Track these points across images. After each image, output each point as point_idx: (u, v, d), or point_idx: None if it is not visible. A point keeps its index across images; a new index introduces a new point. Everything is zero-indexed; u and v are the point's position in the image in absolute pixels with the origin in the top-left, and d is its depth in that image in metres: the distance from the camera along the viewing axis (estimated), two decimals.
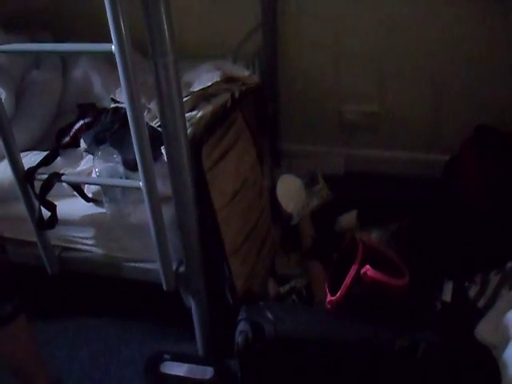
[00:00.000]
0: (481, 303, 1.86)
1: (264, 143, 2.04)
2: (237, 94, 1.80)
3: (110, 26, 1.19)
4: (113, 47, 1.22)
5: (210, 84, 1.68)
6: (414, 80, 2.40)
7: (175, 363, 1.74)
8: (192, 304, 1.71)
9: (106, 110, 1.80)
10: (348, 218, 2.17)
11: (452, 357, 1.59)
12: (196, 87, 1.67)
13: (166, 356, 1.75)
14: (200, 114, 1.61)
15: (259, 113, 2.01)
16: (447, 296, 1.88)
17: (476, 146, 2.13)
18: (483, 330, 1.70)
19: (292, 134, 2.63)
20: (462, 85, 2.35)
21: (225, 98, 1.74)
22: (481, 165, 2.04)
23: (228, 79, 1.76)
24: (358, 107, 2.52)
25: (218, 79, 1.71)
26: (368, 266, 1.55)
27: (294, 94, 2.53)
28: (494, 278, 1.89)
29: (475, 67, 2.29)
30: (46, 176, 1.57)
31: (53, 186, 1.58)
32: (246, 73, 1.88)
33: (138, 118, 1.31)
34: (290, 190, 2.04)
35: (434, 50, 2.30)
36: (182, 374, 1.71)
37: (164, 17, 1.21)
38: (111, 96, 1.78)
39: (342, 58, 2.42)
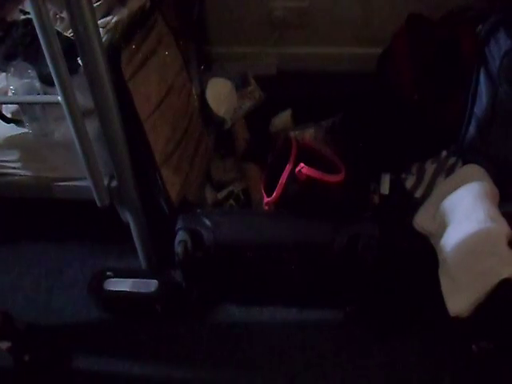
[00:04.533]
0: (418, 193, 1.88)
1: (190, 46, 1.96)
2: None
3: None
4: None
5: None
6: None
7: (119, 279, 1.73)
8: (129, 218, 1.69)
9: (16, 23, 1.68)
10: (282, 118, 2.14)
11: (391, 248, 1.63)
12: None
13: (109, 273, 1.74)
14: (115, 18, 1.52)
15: (183, 14, 1.93)
16: (385, 189, 1.90)
17: (407, 36, 2.10)
18: (421, 220, 1.73)
19: (221, 36, 2.54)
20: None
21: None
22: (412, 54, 2.02)
23: None
24: (286, 3, 2.44)
25: None
26: (302, 164, 1.54)
27: None
28: (430, 168, 1.90)
29: None
30: None
31: None
32: None
33: (46, 27, 1.21)
34: (220, 94, 1.98)
35: None
36: (126, 290, 1.71)
37: None
38: (20, 7, 1.67)
39: None
